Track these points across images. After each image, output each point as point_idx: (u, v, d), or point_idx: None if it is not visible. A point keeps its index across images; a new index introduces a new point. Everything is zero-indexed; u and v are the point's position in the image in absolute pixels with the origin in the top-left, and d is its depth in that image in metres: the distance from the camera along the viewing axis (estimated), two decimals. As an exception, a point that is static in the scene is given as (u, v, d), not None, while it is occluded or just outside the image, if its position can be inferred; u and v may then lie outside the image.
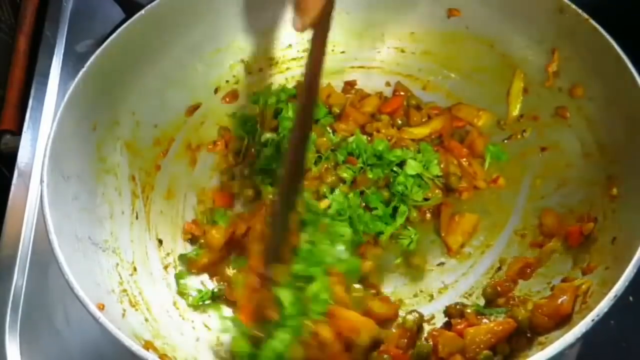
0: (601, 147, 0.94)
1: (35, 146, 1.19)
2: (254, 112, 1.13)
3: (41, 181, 0.86)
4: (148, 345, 0.84)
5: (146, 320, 0.90)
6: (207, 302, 0.99)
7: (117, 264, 0.93)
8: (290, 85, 1.16)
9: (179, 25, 1.05)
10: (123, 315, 0.87)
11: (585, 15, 0.93)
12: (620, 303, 0.74)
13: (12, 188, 1.15)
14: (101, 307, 0.80)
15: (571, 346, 0.72)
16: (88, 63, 0.95)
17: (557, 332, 0.81)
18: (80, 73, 0.94)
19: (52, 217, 0.84)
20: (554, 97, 1.01)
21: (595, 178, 0.93)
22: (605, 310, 0.72)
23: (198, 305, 0.98)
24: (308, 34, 1.12)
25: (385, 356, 0.87)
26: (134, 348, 0.74)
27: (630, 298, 0.93)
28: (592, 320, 0.72)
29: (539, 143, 1.04)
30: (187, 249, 1.04)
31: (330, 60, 1.16)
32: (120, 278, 0.92)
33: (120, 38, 0.98)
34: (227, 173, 1.11)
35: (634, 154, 0.87)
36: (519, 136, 1.07)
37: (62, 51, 1.31)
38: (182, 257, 1.02)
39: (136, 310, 0.90)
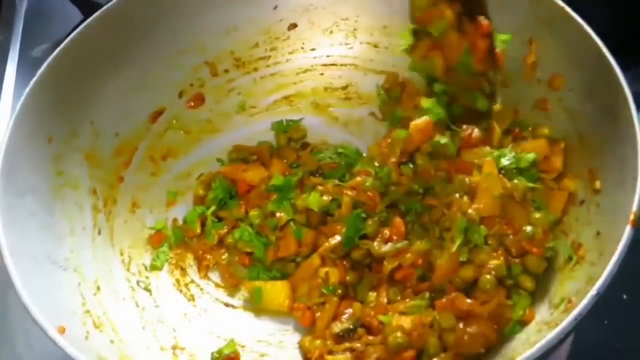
0: (582, 139, 0.92)
1: (-12, 159, 1.15)
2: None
3: (-7, 198, 0.84)
4: (114, 368, 0.83)
5: (112, 341, 0.88)
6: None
7: (79, 284, 0.91)
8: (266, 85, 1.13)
9: (139, 25, 1.02)
10: (86, 337, 0.85)
11: (561, 4, 0.92)
12: (613, 302, 0.72)
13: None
14: (62, 330, 0.78)
15: (557, 344, 0.71)
16: (41, 70, 0.94)
17: (541, 333, 0.79)
18: (33, 80, 0.93)
19: (7, 236, 0.82)
20: (534, 89, 0.99)
21: (578, 171, 0.91)
22: (589, 308, 0.71)
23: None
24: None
25: None
26: (98, 372, 0.73)
27: (624, 296, 0.94)
28: (575, 319, 0.70)
29: (520, 136, 1.02)
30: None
31: (301, 58, 1.15)
32: (83, 298, 0.89)
33: (76, 41, 0.96)
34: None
35: (615, 145, 0.85)
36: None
37: (17, 56, 1.29)
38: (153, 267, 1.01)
39: (101, 331, 0.88)
